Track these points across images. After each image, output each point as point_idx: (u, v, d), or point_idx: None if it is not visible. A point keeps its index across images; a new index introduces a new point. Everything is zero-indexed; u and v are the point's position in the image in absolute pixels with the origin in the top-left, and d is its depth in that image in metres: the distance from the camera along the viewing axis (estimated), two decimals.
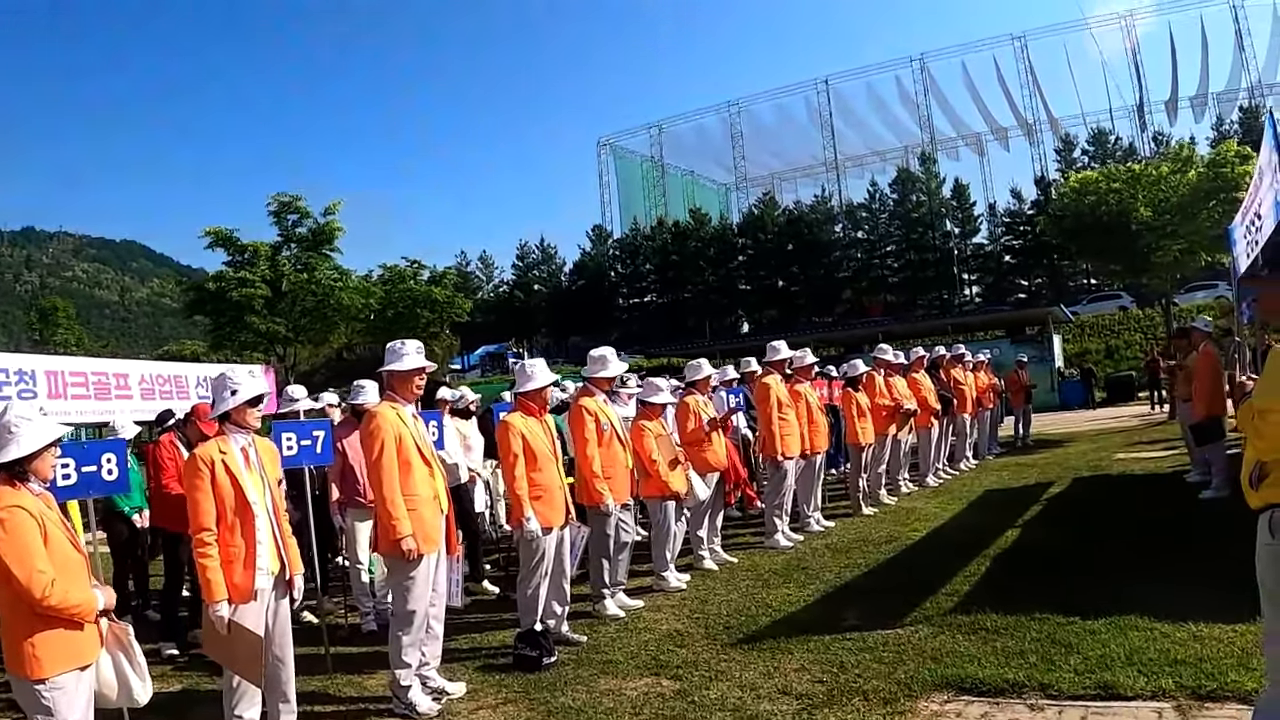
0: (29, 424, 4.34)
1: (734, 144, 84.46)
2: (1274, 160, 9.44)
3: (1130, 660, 5.94)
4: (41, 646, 4.23)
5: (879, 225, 74.38)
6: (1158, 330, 43.64)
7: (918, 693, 5.81)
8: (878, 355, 14.12)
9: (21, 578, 4.09)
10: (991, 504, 13.28)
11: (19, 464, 4.27)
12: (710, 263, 75.55)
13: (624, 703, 6.09)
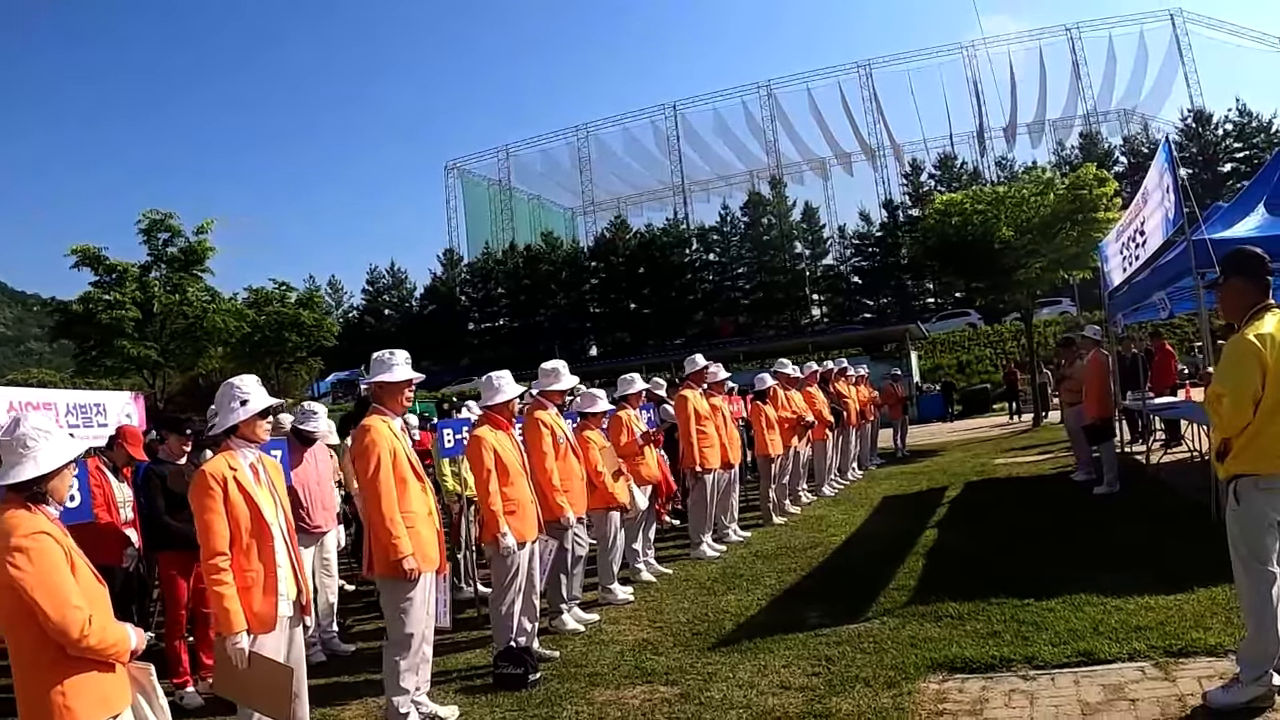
0: (47, 439, 3.88)
1: (581, 169, 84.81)
2: (1165, 182, 10.04)
3: (1098, 631, 6.38)
4: (73, 695, 3.69)
5: (730, 248, 75.49)
6: (1007, 345, 45.30)
7: (913, 675, 6.02)
8: (778, 370, 14.40)
9: (54, 615, 3.59)
10: (896, 509, 13.72)
11: (36, 484, 3.81)
12: (562, 286, 75.84)
13: (631, 711, 6.09)
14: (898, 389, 22.89)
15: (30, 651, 3.66)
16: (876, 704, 5.60)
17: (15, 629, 3.66)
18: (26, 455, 3.76)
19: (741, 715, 5.72)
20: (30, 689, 3.67)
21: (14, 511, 3.71)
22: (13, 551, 3.58)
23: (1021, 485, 14.87)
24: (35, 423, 3.85)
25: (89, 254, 32.65)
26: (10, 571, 3.56)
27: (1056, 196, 24.04)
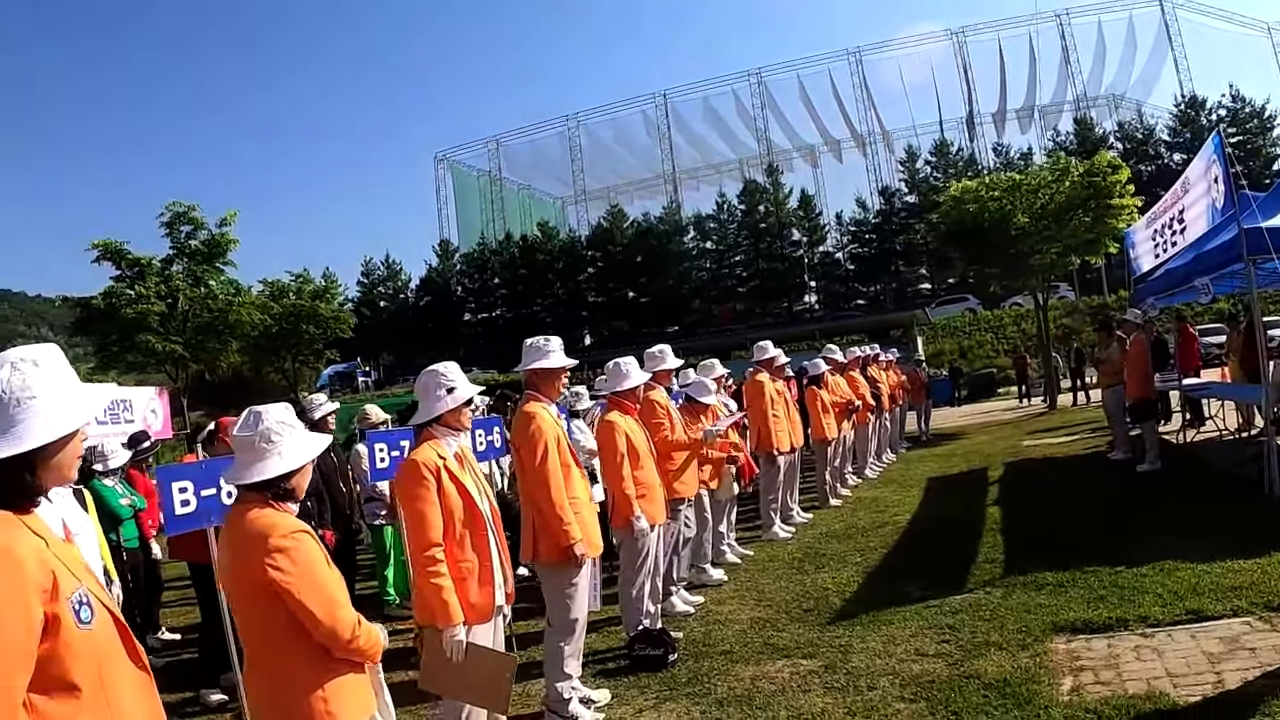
0: (291, 433, 3.68)
1: (572, 158, 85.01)
2: (1214, 172, 10.45)
3: (1197, 591, 6.78)
4: (335, 700, 3.55)
5: (728, 236, 75.69)
6: (1008, 330, 45.73)
7: (1040, 638, 6.36)
8: (826, 355, 14.73)
9: (324, 616, 3.45)
10: (945, 489, 13.99)
11: (283, 480, 3.60)
12: (559, 276, 75.96)
13: (783, 685, 6.23)
14: (920, 374, 23.35)
15: (287, 655, 3.51)
16: (1017, 663, 5.93)
17: (270, 632, 3.51)
18: (271, 451, 3.57)
19: (892, 682, 5.97)
20: (287, 695, 3.50)
21: (263, 510, 3.55)
22: (273, 553, 3.42)
23: (1060, 465, 15.13)
24: (279, 416, 3.67)
25: (111, 248, 32.49)
26: (271, 574, 3.41)
27: (1071, 183, 24.37)
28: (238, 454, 3.63)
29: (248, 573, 3.45)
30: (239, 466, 3.60)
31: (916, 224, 64.74)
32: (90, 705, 2.43)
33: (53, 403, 2.51)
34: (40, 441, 2.45)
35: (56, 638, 2.37)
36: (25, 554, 2.38)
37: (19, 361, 2.51)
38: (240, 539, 3.49)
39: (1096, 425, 19.38)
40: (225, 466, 5.83)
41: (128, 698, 2.54)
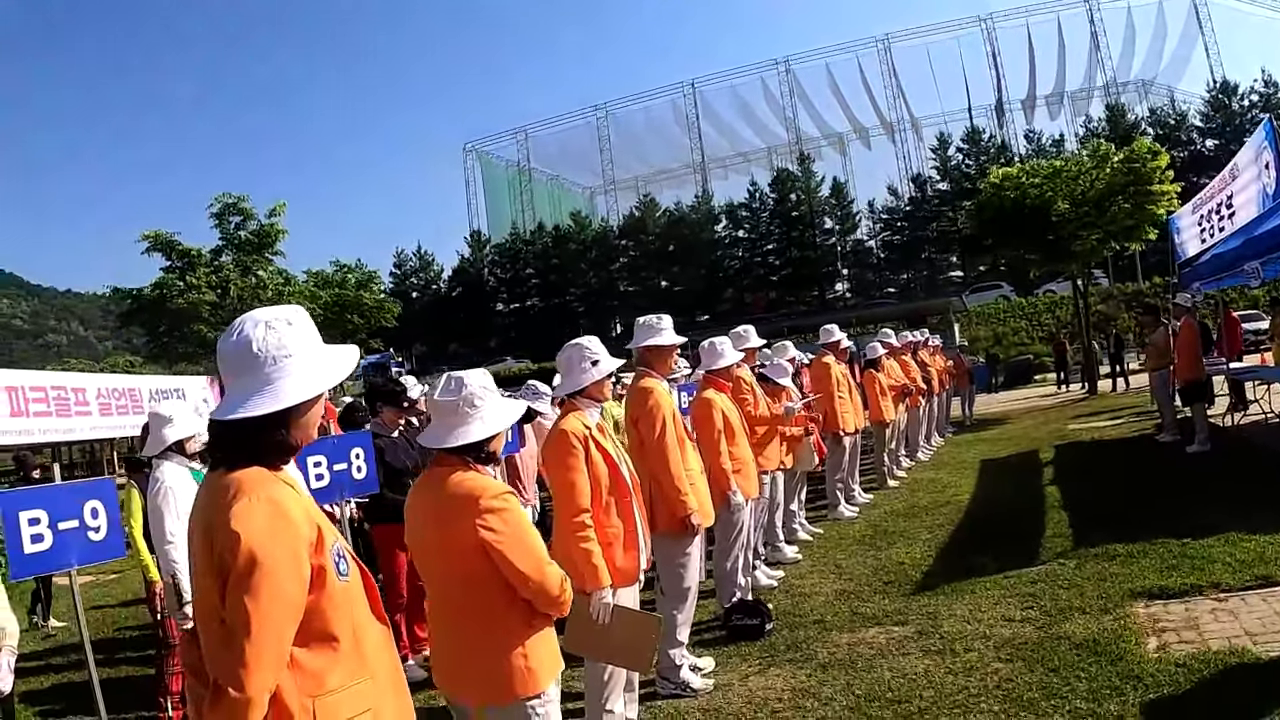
0: (493, 397, 3.74)
1: (600, 148, 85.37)
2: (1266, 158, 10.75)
3: (1264, 560, 7.15)
4: (534, 656, 3.63)
5: (760, 224, 75.91)
6: (1042, 317, 45.85)
7: (1119, 603, 6.70)
8: (882, 339, 15.02)
9: (534, 575, 3.54)
10: (1000, 471, 14.26)
11: (485, 444, 3.68)
12: (591, 265, 76.34)
13: (881, 649, 6.53)
14: (964, 360, 23.66)
15: (488, 615, 3.59)
16: (1102, 625, 6.27)
17: (472, 592, 3.58)
18: (474, 415, 3.62)
19: (986, 644, 6.29)
20: (491, 655, 3.58)
21: (466, 473, 3.61)
22: (484, 514, 3.50)
23: (1110, 447, 15.33)
24: (480, 381, 3.71)
25: (161, 240, 32.76)
26: (483, 534, 3.48)
27: (1111, 169, 24.52)
28: (438, 418, 3.70)
29: (455, 535, 3.52)
30: (440, 430, 3.67)
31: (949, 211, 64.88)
32: (346, 657, 2.56)
33: (307, 361, 2.60)
34: (297, 399, 2.53)
35: (321, 590, 2.51)
36: (293, 508, 2.50)
37: (274, 320, 2.58)
38: (446, 502, 3.56)
39: (1140, 410, 19.69)
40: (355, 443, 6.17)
41: (375, 650, 2.67)
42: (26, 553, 4.65)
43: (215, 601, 2.40)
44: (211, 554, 2.41)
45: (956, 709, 5.31)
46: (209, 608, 2.43)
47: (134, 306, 34.43)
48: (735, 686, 6.25)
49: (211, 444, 2.63)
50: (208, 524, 2.45)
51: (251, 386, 2.51)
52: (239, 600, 2.33)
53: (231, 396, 2.53)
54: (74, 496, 4.94)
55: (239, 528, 2.36)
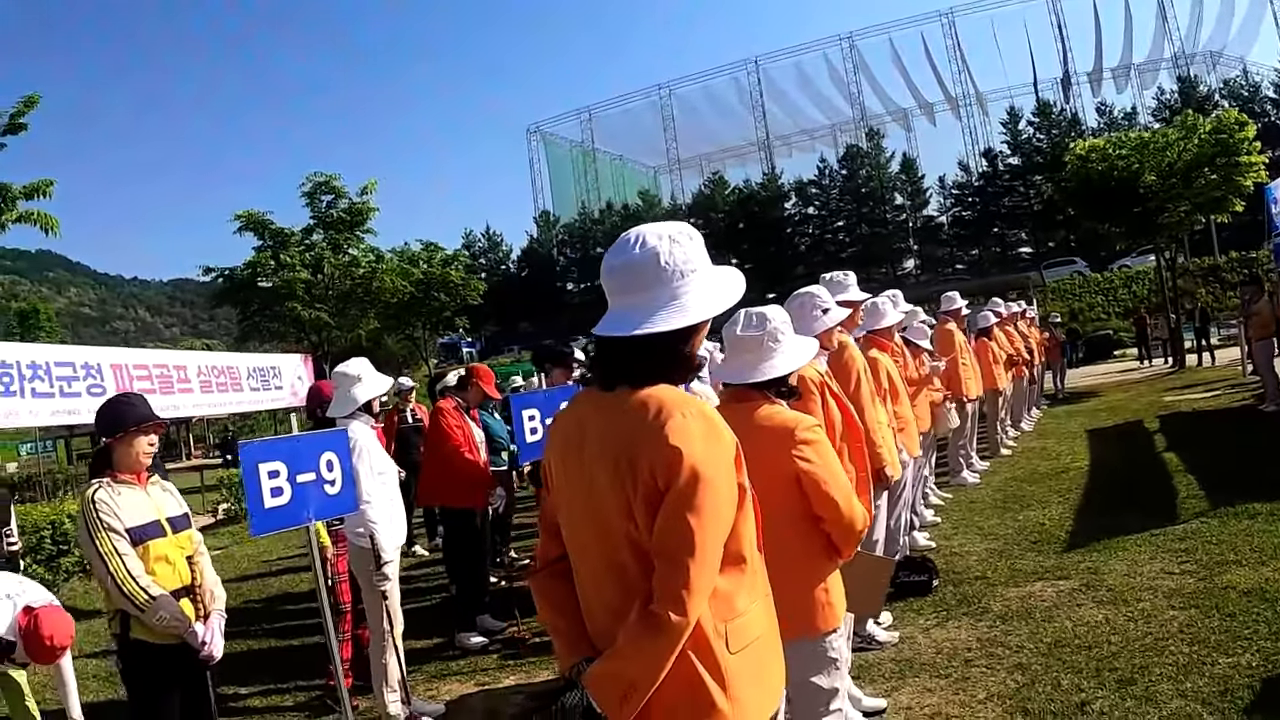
0: (791, 332, 3.76)
1: (665, 127, 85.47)
2: None
3: None
4: (834, 590, 3.69)
5: (830, 201, 75.76)
6: (1118, 292, 45.57)
7: (1275, 555, 6.92)
8: (993, 309, 15.11)
9: (845, 507, 3.54)
10: (1109, 439, 14.38)
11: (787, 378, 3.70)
12: None
13: (1053, 601, 6.72)
14: (1058, 333, 23.72)
15: (800, 548, 3.59)
16: (1262, 575, 6.50)
17: (787, 526, 3.50)
18: (777, 350, 3.63)
19: (1154, 594, 6.50)
20: (800, 589, 3.56)
21: (773, 406, 3.65)
22: (799, 445, 3.51)
23: (1214, 417, 15.39)
24: (781, 316, 3.71)
25: (253, 219, 32.98)
26: (800, 465, 3.50)
27: (1199, 140, 24.37)
28: (740, 354, 3.69)
29: (769, 467, 3.39)
30: (742, 366, 3.68)
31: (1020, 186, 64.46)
32: (749, 579, 2.54)
33: (707, 278, 2.52)
34: (704, 315, 2.45)
35: (742, 509, 2.48)
36: (722, 425, 2.47)
37: (676, 234, 2.52)
38: (757, 435, 3.44)
39: (1233, 382, 19.70)
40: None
41: (762, 570, 2.63)
42: (267, 507, 4.50)
43: (625, 526, 2.38)
44: (623, 473, 2.36)
45: (1147, 651, 5.54)
46: (613, 532, 2.41)
47: (226, 286, 34.74)
48: (919, 639, 6.42)
49: (603, 361, 2.55)
50: (625, 443, 2.37)
51: (657, 301, 2.43)
52: (681, 519, 2.28)
53: (631, 311, 2.44)
54: (312, 447, 4.76)
55: (679, 443, 2.29)
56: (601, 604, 2.49)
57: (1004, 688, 5.34)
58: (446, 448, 8.21)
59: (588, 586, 2.56)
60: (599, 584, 2.50)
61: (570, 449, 2.57)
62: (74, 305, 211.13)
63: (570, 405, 2.76)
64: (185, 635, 4.41)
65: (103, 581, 4.33)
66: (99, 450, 4.56)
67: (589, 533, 2.50)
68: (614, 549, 2.42)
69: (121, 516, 4.33)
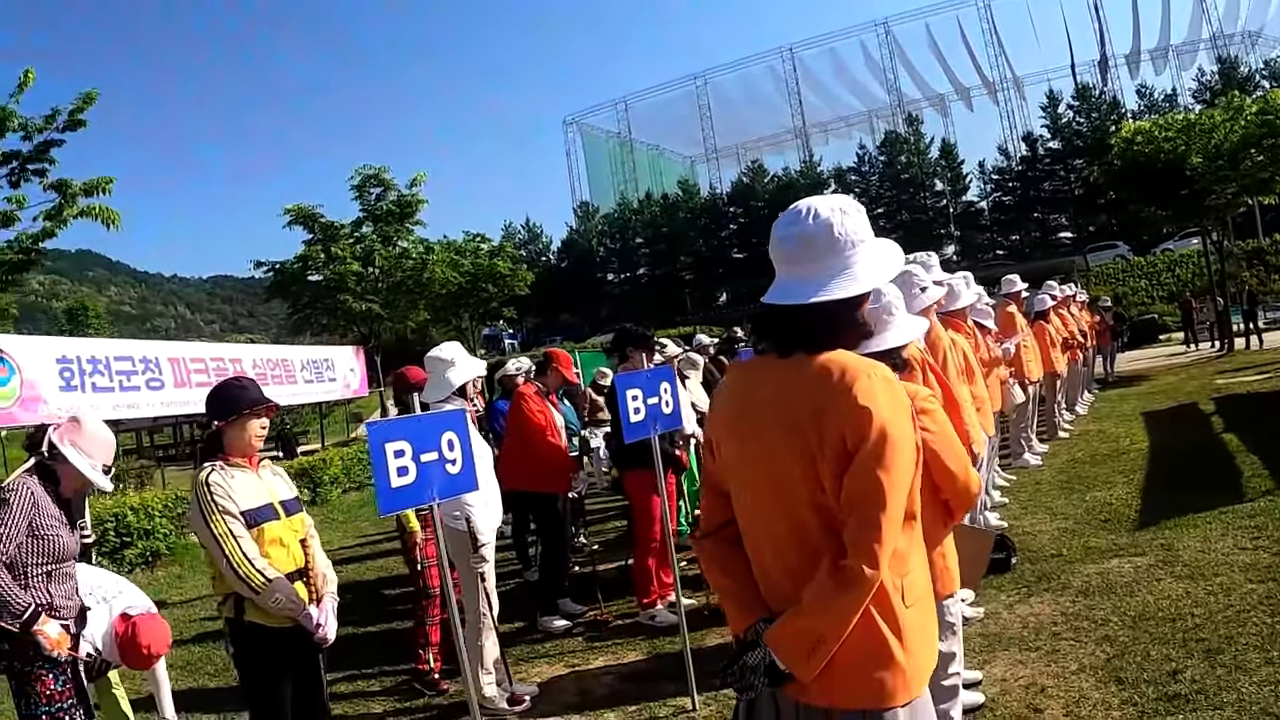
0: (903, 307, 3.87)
1: (701, 116, 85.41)
2: None
3: None
4: (950, 556, 3.88)
5: (870, 188, 75.49)
6: (1162, 276, 45.32)
7: None
8: (1049, 291, 15.12)
9: (961, 474, 3.56)
10: (1166, 421, 14.40)
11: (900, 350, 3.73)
12: (701, 233, 76.74)
13: (1132, 576, 6.82)
14: (1107, 316, 23.63)
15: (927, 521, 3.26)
16: None
17: None
18: (891, 322, 3.68)
19: (1231, 569, 6.60)
20: None
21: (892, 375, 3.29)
22: (920, 414, 3.36)
23: (1269, 399, 15.32)
24: (895, 290, 3.80)
25: (303, 213, 33.11)
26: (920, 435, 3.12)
27: (1246, 122, 24.18)
28: None
29: None
30: None
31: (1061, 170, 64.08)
32: (918, 539, 2.66)
33: (873, 249, 2.63)
34: (874, 284, 2.57)
35: (916, 469, 2.56)
36: (901, 387, 2.58)
37: (845, 206, 2.62)
38: None
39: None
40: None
41: None
42: (393, 486, 4.36)
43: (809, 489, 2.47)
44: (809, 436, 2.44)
45: (1230, 622, 5.66)
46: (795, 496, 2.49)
47: (277, 280, 34.84)
48: (1004, 614, 6.52)
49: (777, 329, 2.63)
50: (812, 407, 2.45)
51: (831, 269, 2.54)
52: (872, 476, 2.38)
53: (804, 280, 2.55)
54: (434, 427, 4.68)
55: (868, 404, 2.39)
56: (781, 567, 2.57)
57: (1094, 659, 5.47)
58: (529, 432, 8.26)
59: (764, 550, 2.64)
60: (778, 547, 2.58)
61: (743, 417, 2.66)
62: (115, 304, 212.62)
63: (738, 374, 2.89)
64: (300, 618, 4.41)
65: (217, 564, 4.30)
66: (210, 434, 4.56)
67: (768, 498, 2.58)
68: (795, 512, 2.51)
69: (235, 499, 4.34)
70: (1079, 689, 5.12)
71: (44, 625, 4.30)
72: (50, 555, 4.43)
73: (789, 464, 2.50)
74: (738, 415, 2.70)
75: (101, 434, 4.76)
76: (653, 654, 7.05)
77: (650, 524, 7.84)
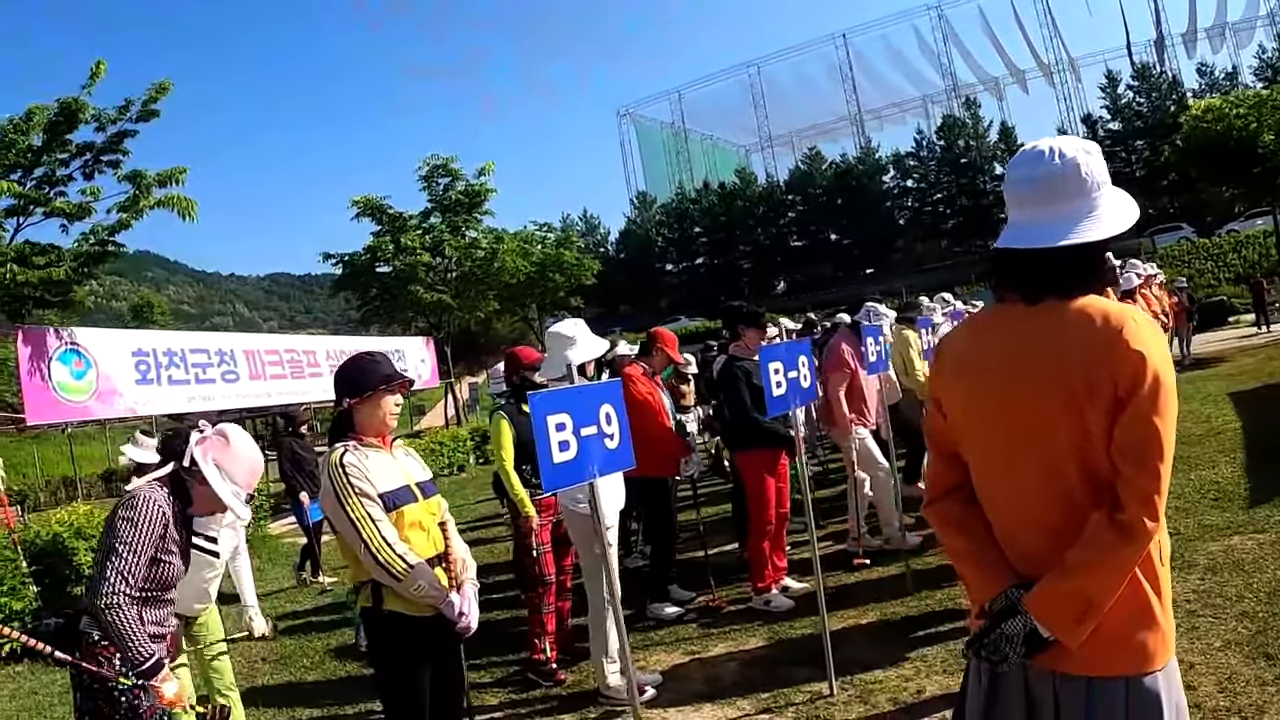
0: None
1: (755, 105, 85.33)
2: None
3: None
4: None
5: (929, 173, 75.11)
6: (1228, 257, 44.67)
7: None
8: (1133, 270, 14.91)
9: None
10: (1255, 402, 14.24)
11: None
12: (759, 222, 76.58)
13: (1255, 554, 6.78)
14: (1182, 298, 23.34)
15: None
16: None
17: None
18: None
19: None
20: None
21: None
22: None
23: None
24: None
25: (371, 204, 33.01)
26: None
27: None
28: None
29: None
30: None
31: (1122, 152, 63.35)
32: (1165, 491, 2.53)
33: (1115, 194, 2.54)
34: (1119, 229, 2.48)
35: None
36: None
37: (1090, 148, 2.53)
38: None
39: None
40: None
41: None
42: (556, 462, 4.11)
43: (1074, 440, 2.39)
44: (1074, 385, 2.37)
45: None
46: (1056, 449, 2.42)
47: (346, 272, 34.81)
48: None
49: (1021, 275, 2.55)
50: (1077, 354, 2.38)
51: (1078, 212, 2.46)
52: (1149, 423, 2.32)
53: (1049, 223, 2.47)
54: (592, 399, 4.43)
55: (1140, 348, 2.33)
56: (1037, 528, 2.51)
57: (1237, 635, 5.42)
58: (639, 415, 7.69)
59: (1013, 510, 2.58)
60: (1033, 507, 2.51)
61: (983, 371, 2.60)
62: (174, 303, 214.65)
63: (969, 328, 2.82)
64: (442, 606, 4.18)
65: (355, 549, 4.08)
66: (340, 413, 4.36)
67: (1021, 455, 2.51)
68: (1057, 467, 2.44)
69: (373, 481, 4.12)
70: (1228, 665, 5.07)
71: (163, 682, 3.95)
72: (158, 582, 4.12)
73: (1051, 417, 2.43)
74: (975, 371, 2.63)
75: (250, 455, 4.39)
76: (775, 639, 7.01)
77: (764, 506, 7.78)
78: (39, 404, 14.06)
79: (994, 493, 2.64)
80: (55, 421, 18.60)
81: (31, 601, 9.84)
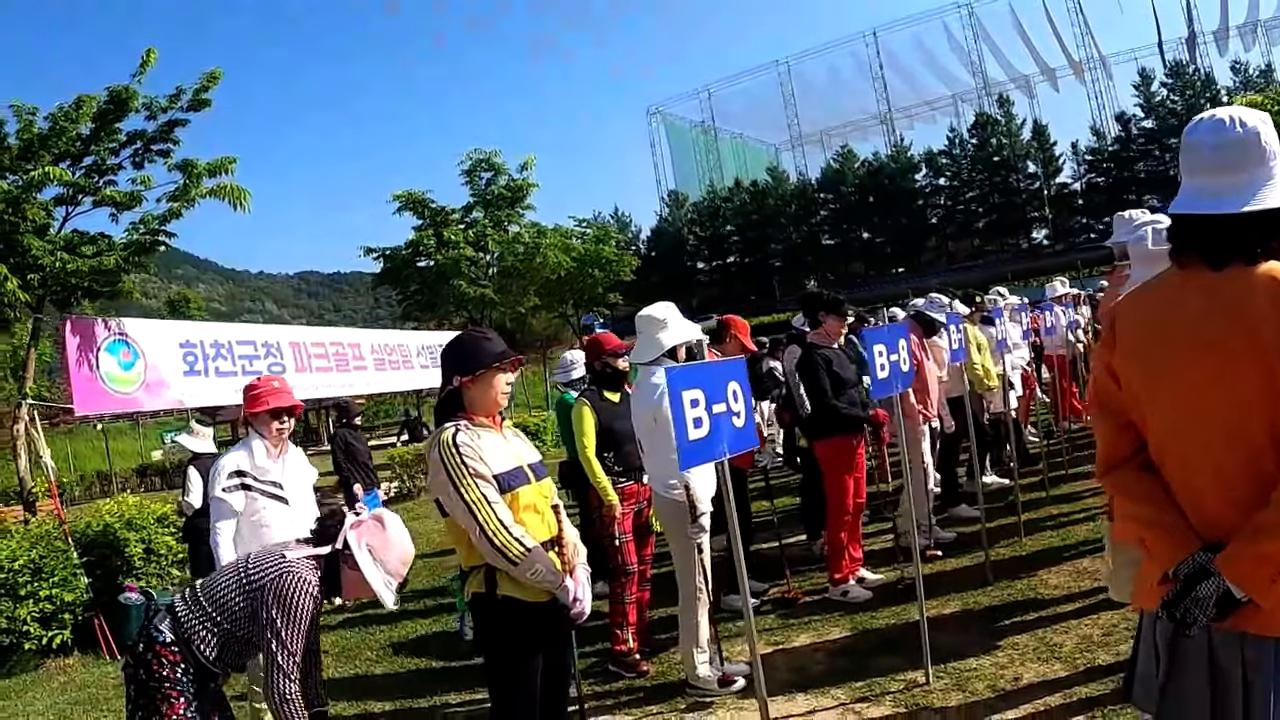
0: None
1: (785, 103, 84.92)
2: None
3: None
4: None
5: (961, 171, 74.74)
6: None
7: None
8: None
9: None
10: None
11: None
12: (791, 220, 76.64)
13: None
14: None
15: None
16: None
17: None
18: None
19: None
20: None
21: None
22: None
23: None
24: None
25: (413, 198, 32.76)
26: None
27: None
28: None
29: None
30: None
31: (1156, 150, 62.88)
32: None
33: None
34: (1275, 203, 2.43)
35: None
36: None
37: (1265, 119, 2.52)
38: None
39: None
40: None
41: None
42: (691, 440, 3.90)
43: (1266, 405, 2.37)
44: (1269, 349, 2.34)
45: None
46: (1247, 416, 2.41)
47: (388, 267, 34.48)
48: None
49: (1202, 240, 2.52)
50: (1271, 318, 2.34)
51: (1259, 179, 2.45)
52: None
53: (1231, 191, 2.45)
54: (721, 375, 4.24)
55: None
56: (1223, 496, 2.47)
57: None
58: None
59: (1198, 478, 2.53)
60: (1221, 475, 2.47)
61: (1167, 337, 2.58)
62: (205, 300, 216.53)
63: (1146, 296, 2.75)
64: (558, 591, 4.05)
65: (470, 532, 3.91)
66: (448, 392, 4.17)
67: (1208, 423, 2.49)
68: (1248, 434, 2.41)
69: (487, 461, 3.96)
70: None
71: None
72: None
73: (1244, 384, 2.39)
74: (1157, 339, 2.61)
75: (403, 543, 4.36)
76: (857, 630, 6.87)
77: (842, 496, 7.64)
78: (87, 395, 13.94)
79: (1177, 461, 2.61)
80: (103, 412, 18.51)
81: (83, 593, 9.73)
